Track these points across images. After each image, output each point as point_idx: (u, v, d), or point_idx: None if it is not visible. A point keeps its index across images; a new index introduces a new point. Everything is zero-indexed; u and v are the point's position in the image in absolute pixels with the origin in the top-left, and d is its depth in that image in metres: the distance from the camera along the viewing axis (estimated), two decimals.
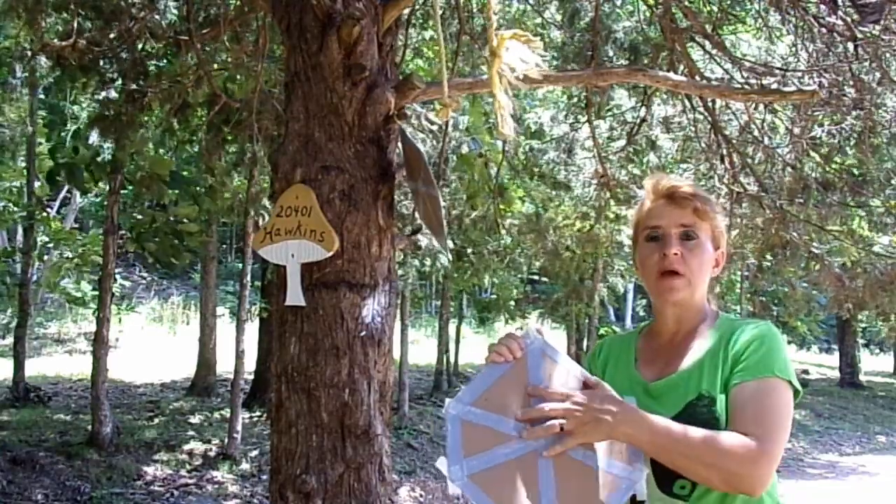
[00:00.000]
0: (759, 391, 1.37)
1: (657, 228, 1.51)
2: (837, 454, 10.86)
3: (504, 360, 1.48)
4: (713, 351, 1.45)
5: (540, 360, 1.47)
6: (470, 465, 1.43)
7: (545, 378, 1.46)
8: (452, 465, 1.43)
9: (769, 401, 1.37)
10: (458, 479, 1.42)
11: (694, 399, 1.42)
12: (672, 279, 1.49)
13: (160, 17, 4.83)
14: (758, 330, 1.43)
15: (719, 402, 1.40)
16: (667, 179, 1.55)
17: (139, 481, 6.43)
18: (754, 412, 1.35)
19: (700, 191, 1.53)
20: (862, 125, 5.05)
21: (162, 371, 11.84)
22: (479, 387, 1.48)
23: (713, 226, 1.52)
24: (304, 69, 2.63)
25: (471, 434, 1.45)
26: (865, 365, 21.08)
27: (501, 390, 1.46)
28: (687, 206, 1.49)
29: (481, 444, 1.44)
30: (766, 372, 1.38)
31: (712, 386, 1.42)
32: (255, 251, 2.91)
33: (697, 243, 1.49)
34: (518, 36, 1.66)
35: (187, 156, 8.89)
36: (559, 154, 7.99)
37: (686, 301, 1.51)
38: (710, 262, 1.52)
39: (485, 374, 1.49)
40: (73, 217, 15.41)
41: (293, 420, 2.53)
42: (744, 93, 3.65)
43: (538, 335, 1.50)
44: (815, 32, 4.36)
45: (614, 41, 5.51)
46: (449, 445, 1.45)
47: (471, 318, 16.25)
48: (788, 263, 8.76)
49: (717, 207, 1.54)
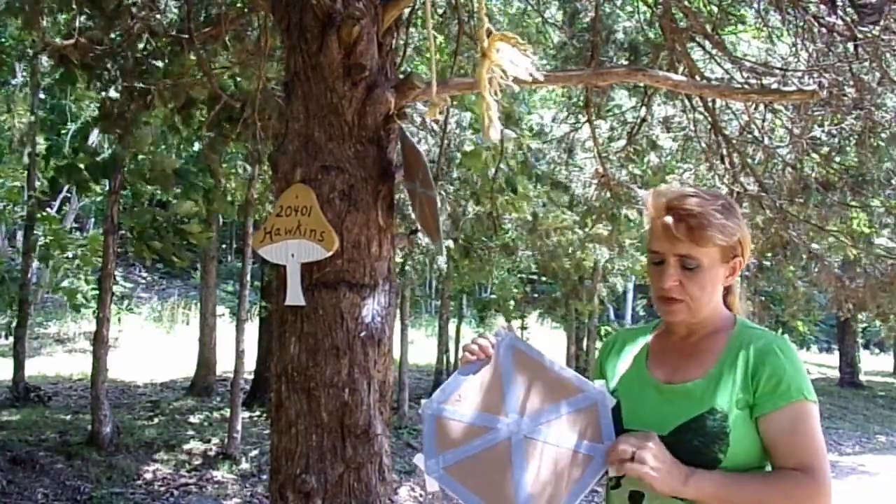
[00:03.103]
0: (794, 421, 1.40)
1: (657, 254, 1.49)
2: (837, 454, 10.85)
3: (476, 359, 1.54)
4: (728, 366, 1.44)
5: (511, 356, 1.54)
6: (445, 458, 1.49)
7: (517, 369, 1.52)
8: (428, 459, 1.49)
9: (806, 427, 1.40)
10: (435, 472, 1.48)
11: (706, 412, 1.42)
12: (670, 304, 1.49)
13: (161, 17, 4.83)
14: (776, 348, 1.43)
15: (731, 417, 1.40)
16: (665, 195, 1.49)
17: (139, 481, 6.43)
18: (798, 445, 1.39)
19: (701, 209, 1.44)
20: (862, 125, 5.05)
21: (162, 371, 11.85)
22: (454, 385, 1.55)
23: (721, 244, 1.45)
24: (304, 69, 2.63)
25: (445, 429, 1.51)
26: (865, 365, 21.08)
27: (476, 387, 1.53)
28: (686, 236, 1.44)
29: (456, 438, 1.50)
30: (795, 397, 1.40)
31: (726, 401, 1.42)
32: (255, 251, 2.91)
33: (698, 269, 1.46)
34: (508, 38, 1.65)
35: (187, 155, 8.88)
36: (560, 154, 7.99)
37: (694, 318, 1.51)
38: (717, 278, 1.48)
39: (459, 374, 1.56)
40: (72, 217, 15.40)
41: (293, 420, 2.54)
42: (744, 93, 3.64)
43: (508, 332, 1.57)
44: (815, 32, 4.35)
45: (614, 41, 5.50)
46: (425, 442, 1.52)
47: (471, 318, 16.25)
48: (788, 263, 8.76)
49: (727, 223, 1.45)
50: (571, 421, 1.47)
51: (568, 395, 1.50)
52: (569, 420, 1.48)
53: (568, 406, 1.49)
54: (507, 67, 1.64)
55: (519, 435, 1.47)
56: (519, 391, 1.51)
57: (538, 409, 1.49)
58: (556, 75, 3.69)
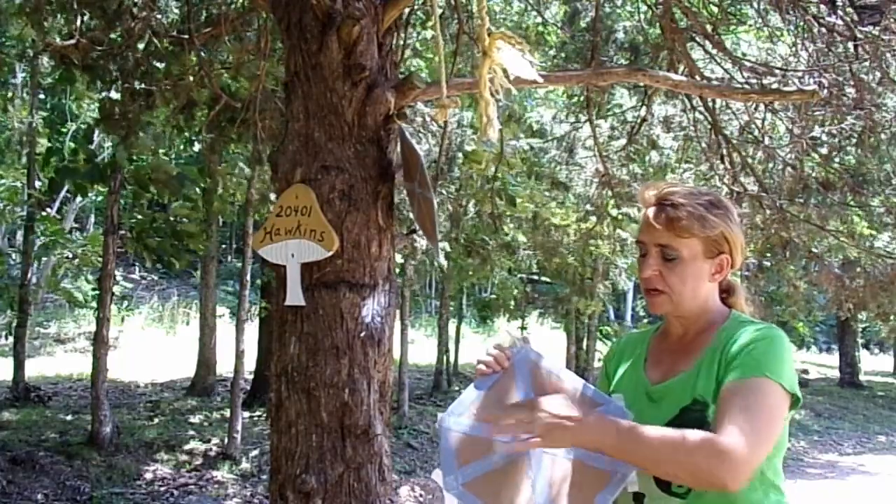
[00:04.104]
0: (743, 389, 1.33)
1: (642, 245, 1.51)
2: (837, 454, 10.85)
3: (492, 372, 1.53)
4: (711, 354, 1.43)
5: (527, 369, 1.52)
6: (464, 473, 1.47)
7: (534, 383, 1.50)
8: (447, 475, 1.48)
9: (751, 399, 1.32)
10: (454, 489, 1.47)
11: (689, 404, 1.41)
12: (653, 296, 1.50)
13: (162, 17, 4.83)
14: (759, 332, 1.40)
15: (712, 407, 1.38)
16: (654, 188, 1.51)
17: (139, 481, 6.43)
18: (731, 409, 1.31)
19: (688, 202, 1.45)
20: (862, 125, 5.05)
21: (162, 371, 11.84)
22: (470, 399, 1.53)
23: (701, 236, 1.45)
24: (304, 69, 2.62)
25: (463, 444, 1.49)
26: (865, 365, 21.06)
27: (491, 400, 1.51)
28: (665, 226, 1.45)
29: (474, 454, 1.48)
30: (755, 372, 1.34)
31: (706, 390, 1.40)
32: (255, 251, 2.91)
33: (678, 261, 1.46)
34: (507, 37, 1.66)
35: (187, 156, 8.89)
36: (560, 153, 8.00)
37: (677, 311, 1.51)
38: (699, 273, 1.47)
39: (474, 387, 1.54)
40: (72, 217, 15.40)
41: (293, 420, 2.53)
42: (744, 93, 3.65)
43: (524, 344, 1.55)
44: (815, 32, 4.35)
45: (614, 41, 5.51)
46: (443, 457, 1.50)
47: (471, 318, 16.26)
48: (789, 263, 8.76)
49: (709, 216, 1.45)
50: None
51: (586, 408, 1.48)
52: None
53: None
54: (508, 66, 1.64)
55: (537, 450, 1.46)
56: None
57: None
58: (556, 75, 3.69)
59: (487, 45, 1.63)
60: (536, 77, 1.65)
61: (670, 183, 1.55)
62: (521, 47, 1.65)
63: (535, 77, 1.65)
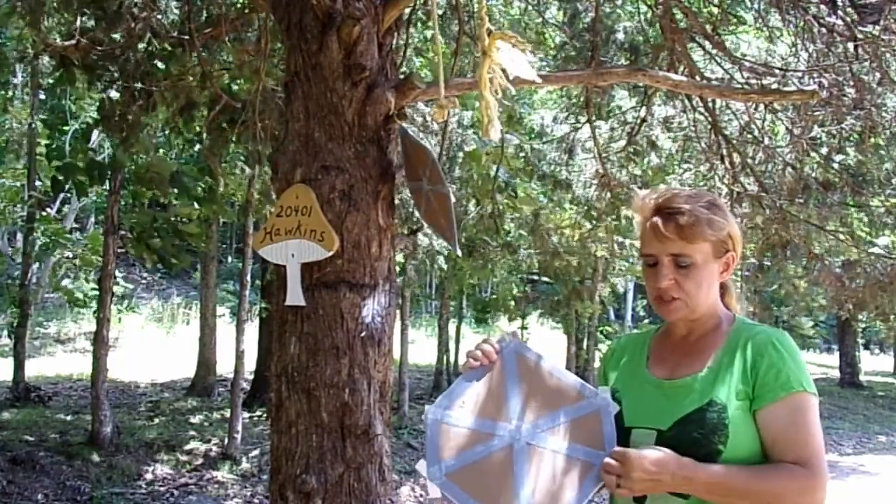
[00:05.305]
0: (792, 412, 1.40)
1: (651, 256, 1.51)
2: (837, 454, 10.85)
3: (480, 365, 1.55)
4: (727, 359, 1.46)
5: (515, 362, 1.54)
6: (447, 464, 1.49)
7: (521, 376, 1.53)
8: (431, 465, 1.50)
9: (804, 419, 1.40)
10: (437, 479, 1.48)
11: (705, 404, 1.43)
12: (668, 304, 1.50)
13: (162, 17, 4.83)
14: (775, 341, 1.44)
15: (731, 409, 1.41)
16: (651, 197, 1.52)
17: (139, 481, 6.43)
18: (795, 437, 1.39)
19: (688, 206, 1.47)
20: (862, 125, 5.06)
21: (162, 371, 11.84)
22: (457, 392, 1.55)
23: (712, 239, 1.47)
24: (304, 69, 2.62)
25: (448, 436, 1.51)
26: (865, 365, 21.07)
27: (479, 393, 1.53)
28: (676, 234, 1.46)
29: (458, 445, 1.50)
30: (794, 387, 1.40)
31: (725, 393, 1.43)
32: (255, 251, 2.91)
33: (692, 267, 1.47)
34: (507, 37, 1.66)
35: (187, 156, 8.89)
36: (560, 154, 7.99)
37: (693, 315, 1.52)
38: (712, 275, 1.50)
39: (462, 380, 1.56)
40: (73, 217, 15.40)
41: (293, 420, 2.53)
42: (744, 93, 3.65)
43: (512, 338, 1.57)
44: (815, 32, 4.36)
45: (614, 41, 5.51)
46: (427, 448, 1.52)
47: (470, 318, 16.25)
48: (788, 263, 8.76)
49: (714, 217, 1.47)
50: (574, 428, 1.48)
51: (571, 402, 1.50)
52: (571, 427, 1.48)
53: (570, 413, 1.49)
54: (508, 66, 1.64)
55: (521, 442, 1.48)
56: (522, 398, 1.51)
57: (541, 415, 1.49)
58: (556, 75, 3.69)
59: (487, 45, 1.64)
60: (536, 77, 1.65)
61: (667, 189, 1.54)
62: (521, 47, 1.65)
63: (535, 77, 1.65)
